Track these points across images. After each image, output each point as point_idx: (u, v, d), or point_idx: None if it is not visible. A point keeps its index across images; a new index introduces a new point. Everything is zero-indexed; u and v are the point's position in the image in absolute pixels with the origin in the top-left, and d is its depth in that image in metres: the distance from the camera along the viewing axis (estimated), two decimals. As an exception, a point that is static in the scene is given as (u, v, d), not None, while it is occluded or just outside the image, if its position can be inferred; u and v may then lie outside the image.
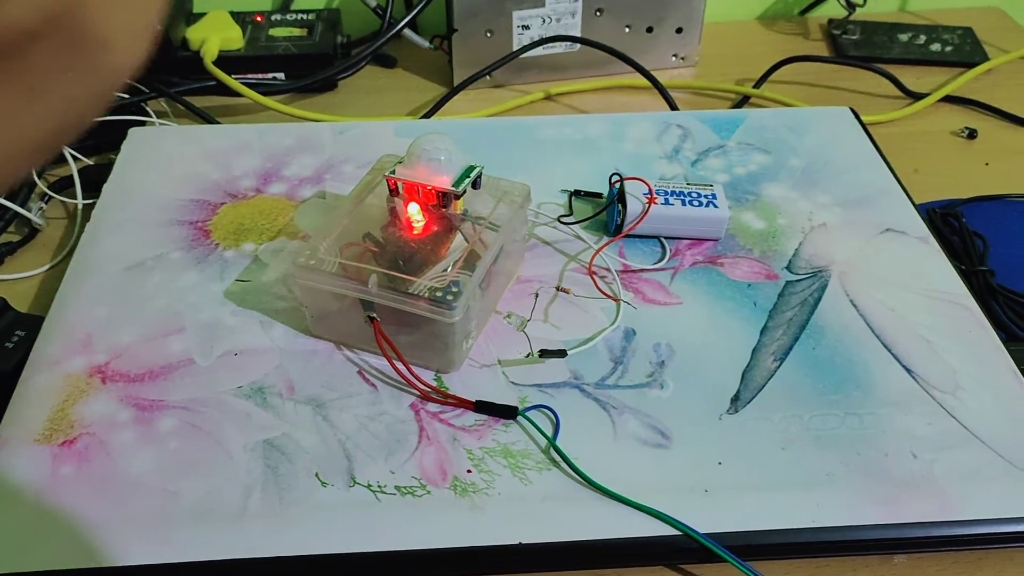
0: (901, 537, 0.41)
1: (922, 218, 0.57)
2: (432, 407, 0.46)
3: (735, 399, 0.46)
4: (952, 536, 0.41)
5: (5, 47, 0.17)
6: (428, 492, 0.42)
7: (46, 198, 0.62)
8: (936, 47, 0.82)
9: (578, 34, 0.76)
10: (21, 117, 0.18)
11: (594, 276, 0.52)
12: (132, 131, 0.65)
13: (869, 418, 0.45)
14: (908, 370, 0.47)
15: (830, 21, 0.87)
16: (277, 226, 0.57)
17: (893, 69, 0.78)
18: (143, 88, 0.69)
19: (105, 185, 0.60)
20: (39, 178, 0.63)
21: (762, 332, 0.50)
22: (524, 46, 0.74)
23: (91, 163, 0.65)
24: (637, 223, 0.54)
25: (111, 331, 0.49)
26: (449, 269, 0.46)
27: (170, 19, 0.74)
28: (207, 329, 0.50)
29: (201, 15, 0.76)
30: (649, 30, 0.77)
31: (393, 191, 0.49)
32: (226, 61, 0.73)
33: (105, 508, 0.41)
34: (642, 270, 0.54)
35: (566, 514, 0.41)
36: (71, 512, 0.41)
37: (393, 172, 0.49)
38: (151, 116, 0.69)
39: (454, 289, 0.45)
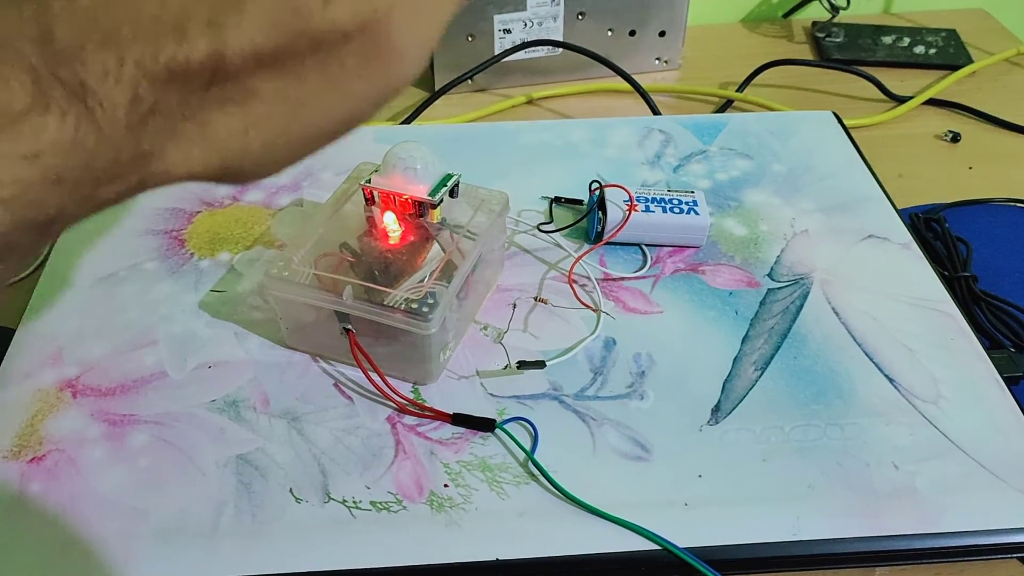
0: (882, 550, 0.40)
1: (905, 224, 0.57)
2: (409, 420, 0.45)
3: (716, 410, 0.46)
4: (933, 548, 0.40)
5: (323, 42, 0.19)
6: (404, 508, 0.41)
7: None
8: (920, 49, 0.82)
9: (560, 38, 0.75)
10: (320, 104, 0.21)
11: (574, 285, 0.52)
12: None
13: (850, 428, 0.45)
14: (890, 379, 0.47)
15: (814, 24, 0.87)
16: (253, 235, 0.56)
17: (877, 72, 0.77)
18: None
19: (79, 194, 0.59)
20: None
21: (743, 341, 0.49)
22: (506, 50, 0.74)
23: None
24: (617, 231, 0.54)
25: (83, 344, 0.48)
26: (426, 280, 0.46)
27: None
28: (180, 341, 0.49)
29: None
30: (632, 33, 0.77)
31: (369, 200, 0.48)
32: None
33: (73, 527, 0.40)
34: (622, 278, 0.53)
35: (544, 529, 0.40)
36: (38, 531, 0.40)
37: (369, 181, 0.48)
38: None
39: (430, 300, 0.44)
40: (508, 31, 0.74)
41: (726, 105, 0.76)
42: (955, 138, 0.71)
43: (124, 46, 0.18)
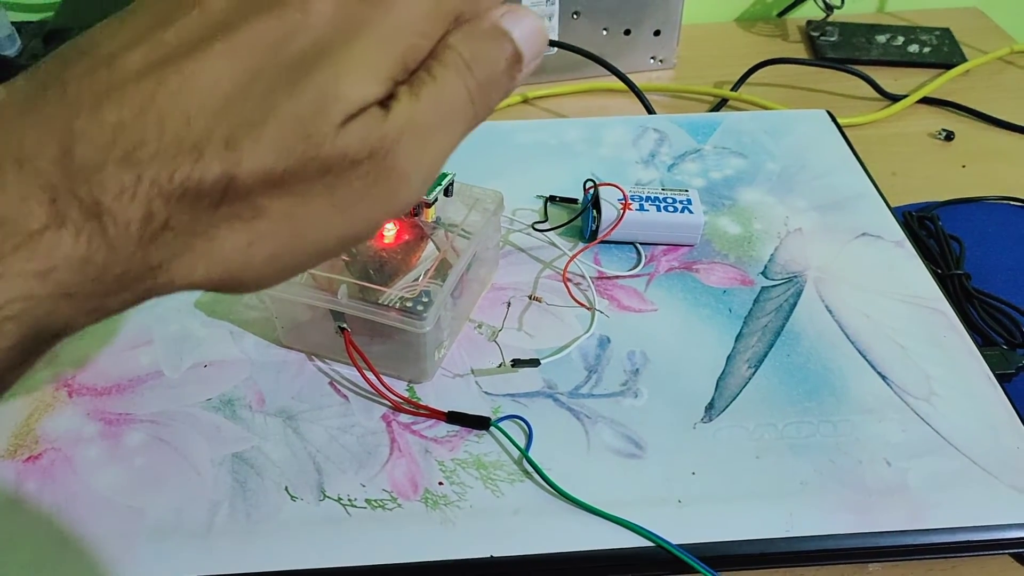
0: (875, 546, 0.40)
1: (898, 222, 0.57)
2: (404, 418, 0.45)
3: (709, 407, 0.46)
4: (926, 544, 0.40)
5: (332, 167, 0.20)
6: (399, 505, 0.41)
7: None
8: (914, 48, 0.82)
9: (555, 37, 0.75)
10: (324, 223, 0.21)
11: (568, 283, 0.52)
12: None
13: (843, 425, 0.45)
14: (883, 376, 0.47)
15: (808, 23, 0.87)
16: (249, 234, 0.56)
17: (871, 71, 0.78)
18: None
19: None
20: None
21: (737, 339, 0.49)
22: (501, 49, 0.74)
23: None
24: (612, 229, 0.54)
25: (78, 344, 0.49)
26: (420, 278, 0.46)
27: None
28: (176, 341, 0.49)
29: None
30: (627, 32, 0.77)
31: (364, 199, 0.48)
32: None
33: (69, 526, 0.40)
34: (617, 277, 0.53)
35: (538, 527, 0.41)
36: (34, 530, 0.40)
37: (364, 180, 0.48)
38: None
39: (424, 299, 0.44)
40: (503, 30, 0.74)
41: (721, 104, 0.76)
42: (948, 136, 0.71)
43: (143, 165, 0.19)
